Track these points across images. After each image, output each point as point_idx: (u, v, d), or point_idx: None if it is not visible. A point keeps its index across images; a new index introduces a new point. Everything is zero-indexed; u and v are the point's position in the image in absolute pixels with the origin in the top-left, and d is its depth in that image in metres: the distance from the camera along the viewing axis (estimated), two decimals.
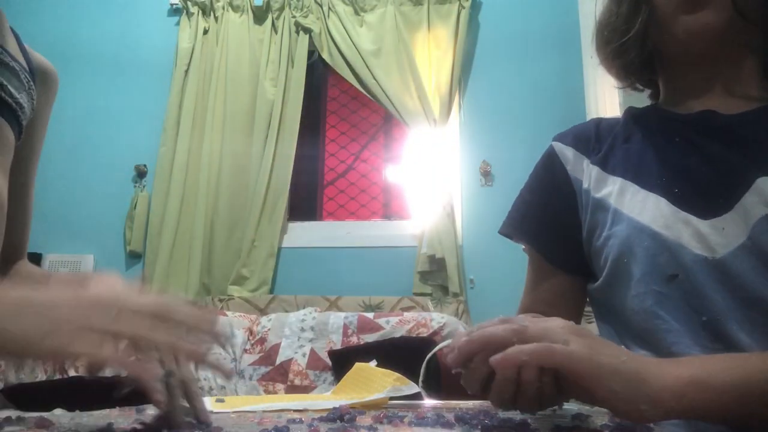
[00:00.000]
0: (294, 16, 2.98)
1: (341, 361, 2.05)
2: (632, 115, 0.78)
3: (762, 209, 0.61)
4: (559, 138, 0.81)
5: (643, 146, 0.72)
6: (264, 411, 0.62)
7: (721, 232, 0.62)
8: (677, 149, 0.69)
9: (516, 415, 0.55)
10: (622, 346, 0.55)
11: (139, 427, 0.48)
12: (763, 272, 0.60)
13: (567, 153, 0.78)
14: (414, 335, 2.17)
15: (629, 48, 0.73)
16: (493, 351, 0.47)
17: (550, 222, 0.78)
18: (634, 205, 0.68)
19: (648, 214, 0.66)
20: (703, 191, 0.65)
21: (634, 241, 0.66)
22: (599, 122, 0.81)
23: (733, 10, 0.64)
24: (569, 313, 0.79)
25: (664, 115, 0.74)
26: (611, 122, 0.80)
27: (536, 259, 0.81)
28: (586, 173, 0.75)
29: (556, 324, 0.50)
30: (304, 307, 2.43)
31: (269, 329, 2.27)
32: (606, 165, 0.74)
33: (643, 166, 0.70)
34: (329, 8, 2.96)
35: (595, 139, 0.78)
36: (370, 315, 2.29)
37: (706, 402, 0.47)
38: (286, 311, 2.44)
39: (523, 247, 0.82)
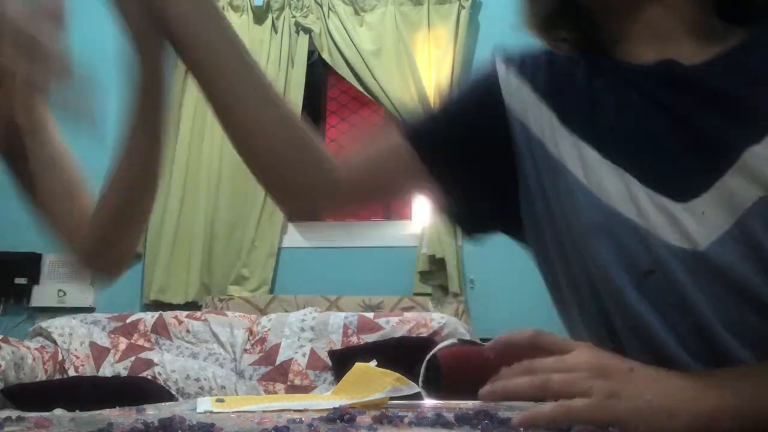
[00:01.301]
0: (294, 16, 2.98)
1: (341, 361, 2.05)
2: (586, 58, 0.63)
3: (753, 190, 0.50)
4: (505, 54, 0.65)
5: (599, 100, 0.59)
6: (264, 411, 0.63)
7: (701, 217, 0.52)
8: (638, 110, 0.57)
9: (516, 415, 0.55)
10: (655, 372, 0.47)
11: (139, 427, 0.48)
12: (754, 266, 0.50)
13: (508, 74, 0.63)
14: (414, 335, 2.17)
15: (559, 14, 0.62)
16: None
17: (469, 144, 0.64)
18: (599, 181, 0.56)
19: (615, 195, 0.55)
20: (675, 166, 0.54)
21: (602, 228, 0.55)
22: (554, 53, 0.65)
23: None
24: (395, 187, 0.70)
25: (616, 65, 0.60)
26: (563, 59, 0.64)
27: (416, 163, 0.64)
28: (532, 113, 0.61)
29: (581, 362, 0.46)
30: (304, 307, 2.43)
31: (269, 329, 2.27)
32: (563, 112, 0.60)
33: (602, 127, 0.58)
34: (329, 8, 2.97)
35: (547, 71, 0.63)
36: (370, 315, 2.29)
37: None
38: (286, 311, 2.44)
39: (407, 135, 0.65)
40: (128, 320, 2.32)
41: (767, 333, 0.51)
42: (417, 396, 0.78)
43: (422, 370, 1.79)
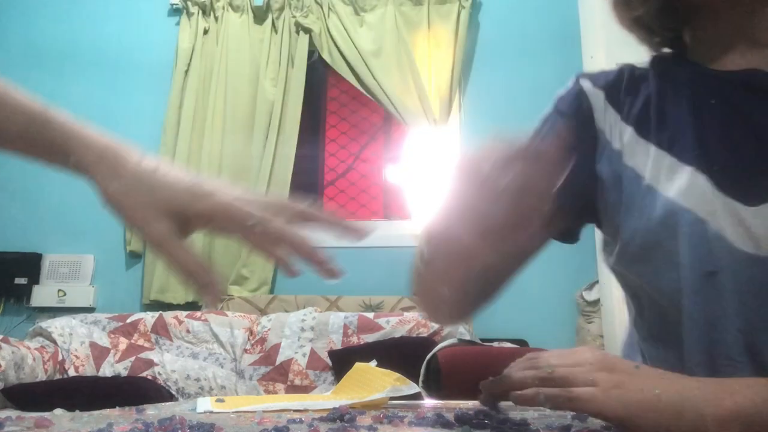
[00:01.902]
0: (294, 16, 2.98)
1: (341, 361, 2.05)
2: (661, 65, 0.66)
3: None
4: (591, 78, 0.69)
5: (677, 108, 0.61)
6: (264, 411, 0.63)
7: None
8: (716, 115, 0.58)
9: (516, 415, 0.55)
10: (662, 372, 0.48)
11: (139, 427, 0.48)
12: None
13: (597, 98, 0.67)
14: (414, 335, 2.17)
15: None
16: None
17: (577, 168, 0.66)
18: (672, 183, 0.57)
19: (687, 195, 0.56)
20: (747, 170, 0.55)
21: (671, 227, 0.56)
22: (632, 70, 0.68)
23: None
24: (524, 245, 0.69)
25: (698, 70, 0.62)
26: (642, 72, 0.67)
27: None
28: (616, 131, 0.64)
29: (584, 358, 0.47)
30: (304, 307, 2.43)
31: (269, 329, 2.26)
32: (640, 127, 0.63)
33: (678, 133, 0.60)
34: (329, 8, 2.96)
35: (625, 92, 0.66)
36: (370, 315, 2.29)
37: None
38: (286, 311, 2.44)
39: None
40: (128, 320, 2.32)
41: None
42: (417, 396, 0.78)
43: (422, 370, 1.79)
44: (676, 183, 0.57)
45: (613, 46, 2.40)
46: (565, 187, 0.64)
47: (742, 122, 0.57)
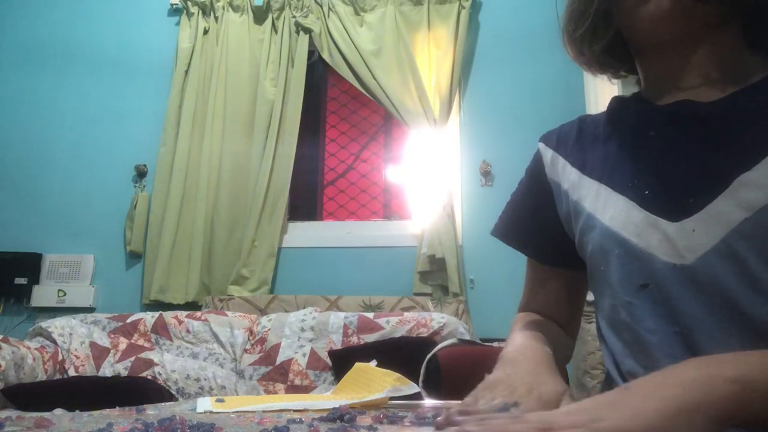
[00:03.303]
0: (294, 16, 2.98)
1: (341, 361, 2.05)
2: (615, 107, 0.74)
3: (740, 212, 0.56)
4: (544, 139, 0.80)
5: (621, 144, 0.69)
6: (264, 411, 0.62)
7: (691, 234, 0.58)
8: (652, 146, 0.65)
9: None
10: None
11: (139, 427, 0.48)
12: (738, 279, 0.55)
13: (547, 155, 0.78)
14: (414, 335, 2.17)
15: (592, 38, 0.70)
16: None
17: (536, 223, 0.78)
18: (607, 210, 0.65)
19: (619, 220, 0.63)
20: (674, 191, 0.61)
21: (606, 249, 0.64)
22: (584, 120, 0.78)
23: None
24: (569, 309, 0.81)
25: (642, 107, 0.70)
26: (596, 119, 0.77)
27: (530, 260, 0.82)
28: (565, 176, 0.74)
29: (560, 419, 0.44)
30: (304, 307, 2.43)
31: (269, 329, 2.26)
32: (584, 167, 0.72)
33: (617, 166, 0.67)
34: (329, 8, 2.96)
35: (576, 139, 0.75)
36: (370, 315, 2.29)
37: None
38: (286, 311, 2.44)
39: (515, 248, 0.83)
40: (128, 320, 2.32)
41: (747, 342, 0.54)
42: (417, 396, 0.78)
43: (422, 370, 1.79)
44: (610, 211, 0.65)
45: None
46: (540, 246, 0.78)
47: (672, 149, 0.63)
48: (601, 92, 2.59)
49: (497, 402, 0.52)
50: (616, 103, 0.74)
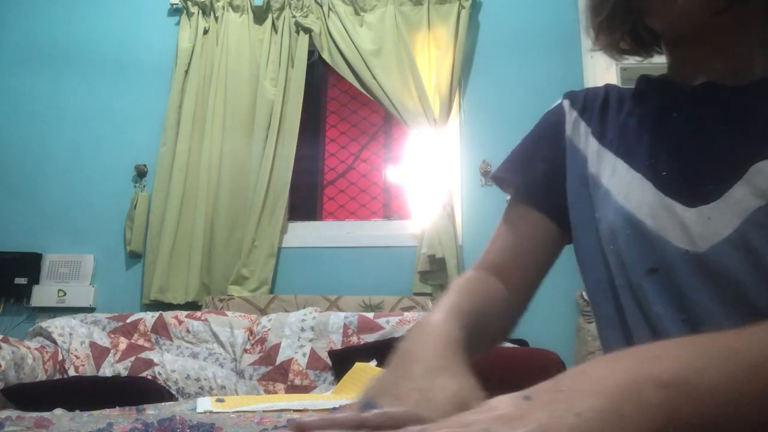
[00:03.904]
0: (294, 16, 2.98)
1: (341, 361, 2.05)
2: (641, 84, 0.73)
3: (755, 200, 0.55)
4: (570, 96, 0.78)
5: (642, 121, 0.68)
6: (264, 411, 0.63)
7: (707, 222, 0.57)
8: (673, 126, 0.64)
9: None
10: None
11: (139, 427, 0.48)
12: (749, 270, 0.54)
13: (571, 115, 0.76)
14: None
15: (610, 25, 0.69)
16: None
17: (552, 175, 0.74)
18: (622, 188, 0.64)
19: (634, 199, 0.62)
20: (693, 176, 0.60)
21: (617, 229, 0.62)
22: (610, 89, 0.76)
23: None
24: (531, 267, 0.76)
25: (667, 87, 0.69)
26: (621, 91, 0.75)
27: (525, 208, 0.76)
28: (585, 142, 0.72)
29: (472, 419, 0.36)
30: (304, 307, 2.43)
31: (269, 329, 2.26)
32: (604, 137, 0.70)
33: (636, 142, 0.66)
34: (329, 8, 2.96)
35: (600, 107, 0.74)
36: (370, 315, 2.29)
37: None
38: (286, 311, 2.44)
39: (512, 192, 0.79)
40: (128, 320, 2.32)
41: None
42: None
43: None
44: (625, 188, 0.63)
45: None
46: (549, 200, 0.74)
47: (693, 132, 0.62)
48: None
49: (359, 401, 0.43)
50: (643, 80, 0.73)
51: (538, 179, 0.76)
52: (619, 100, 0.73)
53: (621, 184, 0.64)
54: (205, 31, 3.00)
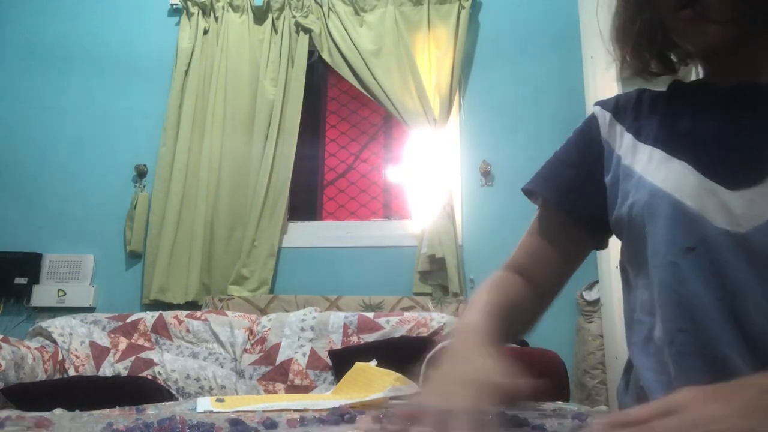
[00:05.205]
0: (294, 16, 2.98)
1: (341, 361, 2.05)
2: (676, 88, 0.76)
3: None
4: (601, 103, 0.81)
5: (680, 115, 0.70)
6: (264, 411, 0.62)
7: (750, 204, 0.59)
8: (712, 119, 0.67)
9: (517, 414, 0.55)
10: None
11: (139, 427, 0.48)
12: None
13: (605, 117, 0.78)
14: (414, 335, 2.17)
15: (640, 52, 0.73)
16: None
17: (580, 181, 0.77)
18: (659, 172, 0.66)
19: (672, 181, 0.64)
20: (734, 162, 0.62)
21: (654, 209, 0.64)
22: (642, 92, 0.79)
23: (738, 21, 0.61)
24: (558, 271, 0.80)
25: (704, 88, 0.72)
26: (654, 94, 0.78)
27: (553, 215, 0.80)
28: (619, 140, 0.74)
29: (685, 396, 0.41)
30: (304, 307, 2.43)
31: (269, 329, 2.26)
32: (640, 134, 0.72)
33: (676, 134, 0.68)
34: (329, 8, 2.96)
35: (633, 107, 0.76)
36: (370, 315, 2.29)
37: None
38: (286, 311, 2.44)
39: (540, 202, 0.82)
40: (128, 320, 2.32)
41: None
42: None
43: (422, 370, 1.79)
44: (664, 172, 0.65)
45: None
46: (577, 204, 0.77)
47: (733, 124, 0.64)
48: (602, 93, 2.59)
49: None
50: (677, 84, 0.76)
51: (566, 186, 0.79)
52: (652, 101, 0.76)
53: (658, 169, 0.66)
54: (205, 31, 3.00)
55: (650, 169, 0.67)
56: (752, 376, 0.42)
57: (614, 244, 0.80)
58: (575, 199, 0.77)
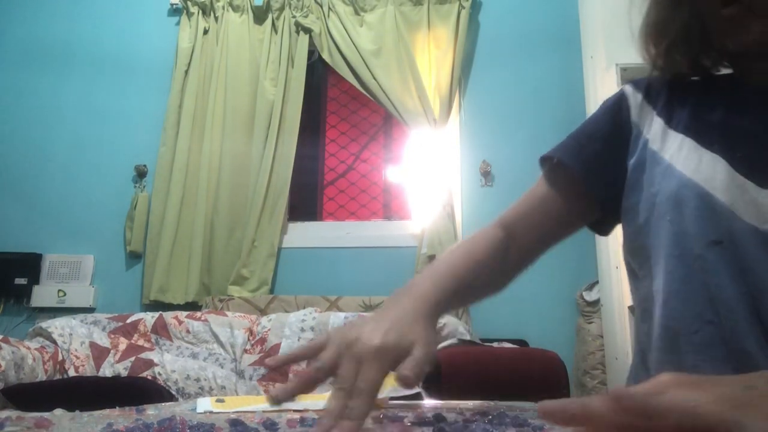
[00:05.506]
0: (294, 16, 2.98)
1: None
2: (709, 79, 0.75)
3: None
4: (634, 83, 0.79)
5: (713, 108, 0.69)
6: (264, 411, 0.62)
7: None
8: (747, 116, 0.66)
9: (518, 414, 0.55)
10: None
11: (139, 427, 0.48)
12: None
13: (636, 98, 0.76)
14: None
15: (675, 52, 0.71)
16: None
17: (604, 158, 0.75)
18: (690, 162, 0.64)
19: (704, 173, 0.63)
20: (766, 159, 0.61)
21: (681, 199, 0.63)
22: (675, 79, 0.77)
23: None
24: (547, 234, 0.78)
25: (739, 84, 0.71)
26: (687, 81, 0.76)
27: (563, 181, 0.77)
28: (648, 123, 0.73)
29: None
30: (304, 307, 2.43)
31: (269, 329, 2.26)
32: (671, 119, 0.71)
33: (709, 126, 0.67)
34: (329, 8, 2.97)
35: (666, 92, 0.74)
36: (370, 315, 2.28)
37: None
38: (286, 311, 2.44)
39: (553, 164, 0.78)
40: (128, 320, 2.32)
41: None
42: (417, 396, 0.78)
43: None
44: (694, 163, 0.64)
45: (613, 46, 2.40)
46: (598, 180, 0.75)
47: (764, 122, 0.64)
48: (602, 92, 2.59)
49: None
50: (711, 75, 0.75)
51: (589, 158, 0.76)
52: (685, 88, 0.74)
53: (689, 159, 0.65)
54: (205, 31, 3.00)
55: (680, 158, 0.66)
56: (738, 375, 0.41)
57: (615, 244, 0.80)
58: (595, 172, 0.75)
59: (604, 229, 0.81)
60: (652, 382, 0.37)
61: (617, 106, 0.77)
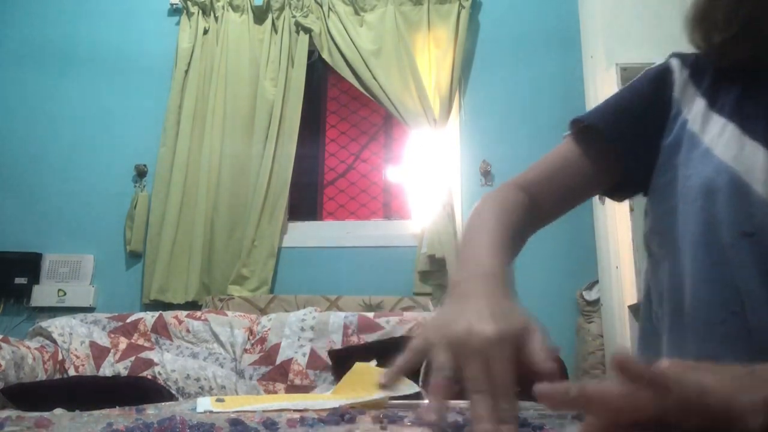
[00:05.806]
0: (294, 16, 2.98)
1: (341, 361, 2.05)
2: (759, 66, 0.71)
3: None
4: (681, 58, 0.75)
5: (758, 99, 0.66)
6: (264, 411, 0.62)
7: None
8: None
9: (519, 414, 0.55)
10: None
11: (139, 427, 0.48)
12: None
13: (682, 75, 0.73)
14: (414, 335, 2.17)
15: (731, 45, 0.69)
16: None
17: (638, 131, 0.72)
18: (729, 149, 0.62)
19: (744, 162, 0.60)
20: None
21: (717, 185, 0.61)
22: (722, 62, 0.74)
23: None
24: (566, 197, 0.76)
25: None
26: (735, 67, 0.73)
27: (590, 147, 0.75)
28: (690, 102, 0.70)
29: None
30: (304, 307, 2.43)
31: (269, 329, 2.27)
32: (715, 102, 0.68)
33: (755, 114, 0.65)
34: (329, 8, 2.97)
35: (713, 72, 0.72)
36: (370, 315, 2.29)
37: None
38: (286, 311, 2.44)
39: (581, 128, 0.76)
40: (128, 320, 2.32)
41: None
42: (417, 396, 0.78)
43: (422, 370, 1.79)
44: (735, 150, 0.62)
45: (613, 46, 2.40)
46: (629, 149, 0.72)
47: None
48: (602, 92, 2.59)
49: None
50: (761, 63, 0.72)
51: (623, 130, 0.73)
52: (734, 73, 0.71)
53: (729, 145, 0.63)
54: (205, 31, 3.00)
55: (720, 143, 0.63)
56: (741, 365, 0.41)
57: (615, 244, 0.79)
58: (627, 141, 0.72)
59: (619, 196, 0.79)
60: (654, 365, 0.37)
61: (661, 80, 0.74)
